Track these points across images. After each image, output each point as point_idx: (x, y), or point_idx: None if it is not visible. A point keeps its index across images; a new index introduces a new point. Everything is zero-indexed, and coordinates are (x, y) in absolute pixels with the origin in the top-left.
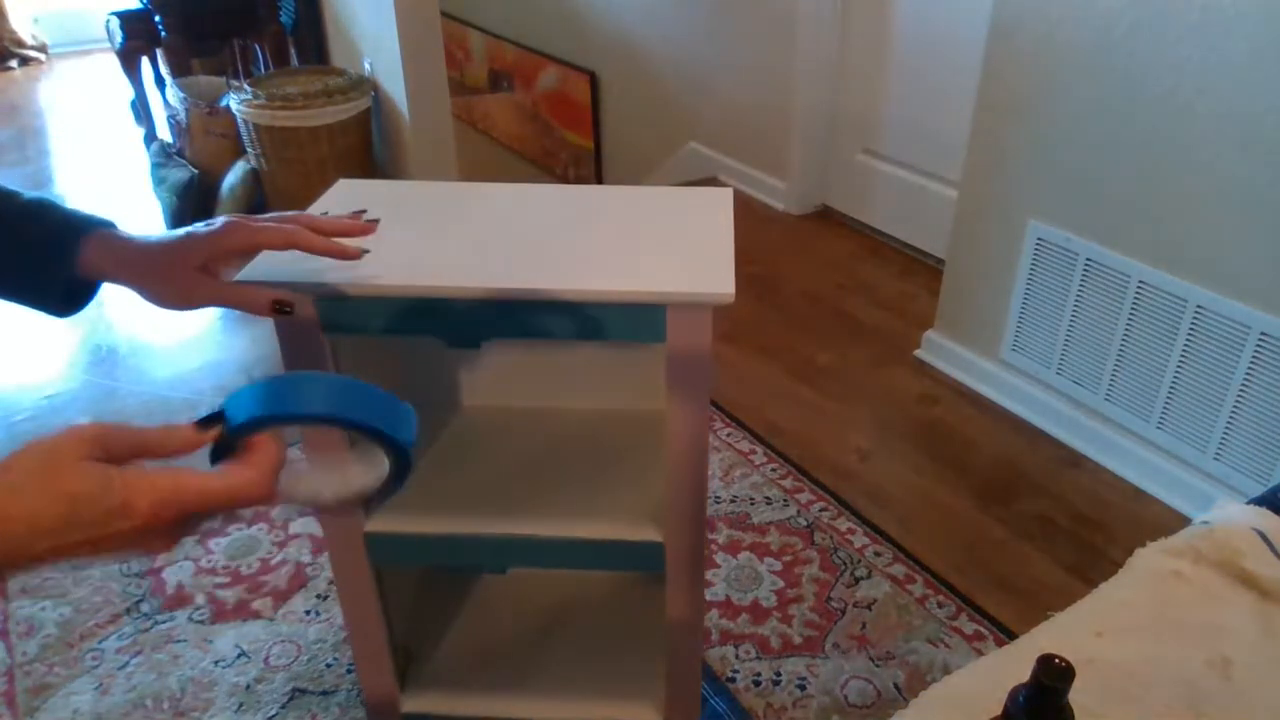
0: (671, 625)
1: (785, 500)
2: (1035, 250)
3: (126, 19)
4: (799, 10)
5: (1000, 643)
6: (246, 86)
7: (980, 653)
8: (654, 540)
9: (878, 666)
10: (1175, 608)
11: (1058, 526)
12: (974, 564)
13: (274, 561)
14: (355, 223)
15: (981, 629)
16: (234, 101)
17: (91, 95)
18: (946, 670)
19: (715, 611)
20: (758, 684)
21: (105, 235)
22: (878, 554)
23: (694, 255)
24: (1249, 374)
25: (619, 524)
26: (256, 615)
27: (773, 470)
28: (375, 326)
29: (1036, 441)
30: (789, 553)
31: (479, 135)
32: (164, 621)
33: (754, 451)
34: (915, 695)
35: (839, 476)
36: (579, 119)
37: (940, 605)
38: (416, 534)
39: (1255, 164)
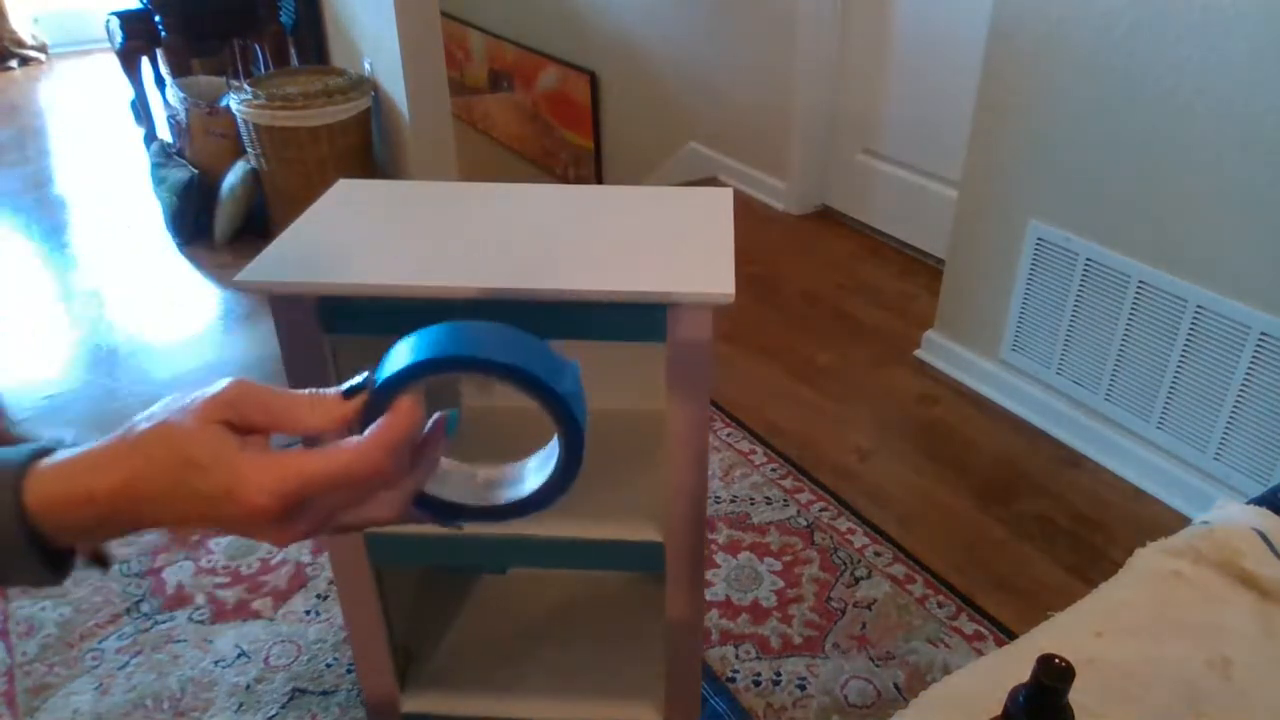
0: (671, 625)
1: (785, 500)
2: (1035, 250)
3: (126, 19)
4: (799, 10)
5: (1000, 643)
6: (246, 86)
7: (980, 653)
8: (654, 540)
9: (878, 666)
10: (1175, 608)
11: (1058, 526)
12: (974, 564)
13: (274, 561)
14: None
15: (981, 629)
16: (234, 101)
17: (91, 95)
18: (946, 670)
19: (715, 611)
20: (758, 684)
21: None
22: (878, 554)
23: (694, 255)
24: (1249, 374)
25: (619, 524)
26: (256, 615)
27: (773, 470)
28: (375, 326)
29: (1036, 441)
30: (789, 553)
31: (479, 135)
32: (164, 621)
33: (754, 451)
34: (915, 695)
35: (839, 476)
36: (579, 119)
37: (940, 605)
38: (416, 534)
39: (1255, 164)
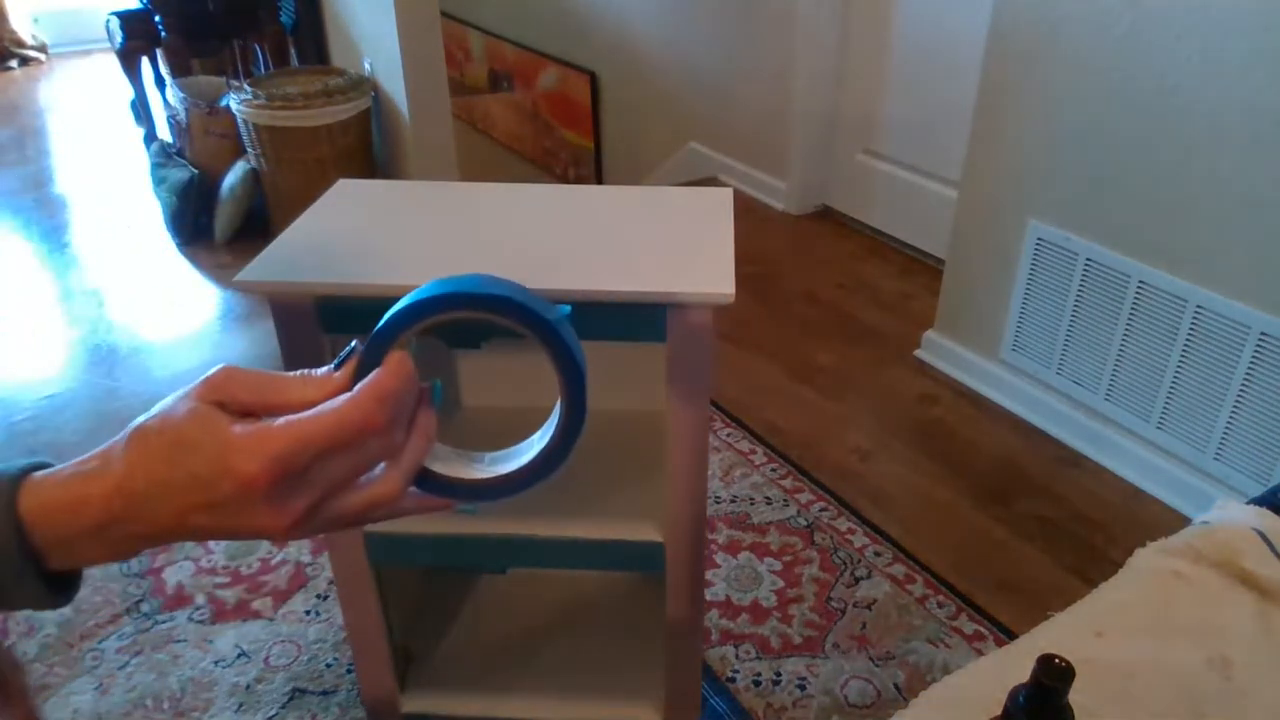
0: (671, 625)
1: (785, 500)
2: (1035, 250)
3: (126, 19)
4: (799, 10)
5: (1000, 643)
6: (246, 86)
7: (980, 653)
8: (654, 540)
9: (878, 666)
10: (1175, 608)
11: (1058, 526)
12: (974, 564)
13: (274, 561)
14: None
15: (981, 629)
16: (234, 101)
17: (91, 95)
18: (946, 670)
19: (715, 611)
20: (758, 684)
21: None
22: (878, 554)
23: (694, 255)
24: (1249, 374)
25: (619, 524)
26: (256, 615)
27: (773, 470)
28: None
29: (1036, 441)
30: (789, 553)
31: (479, 135)
32: (164, 621)
33: (754, 451)
34: (915, 695)
35: (839, 476)
36: (579, 119)
37: (940, 605)
38: (416, 534)
39: (1256, 164)
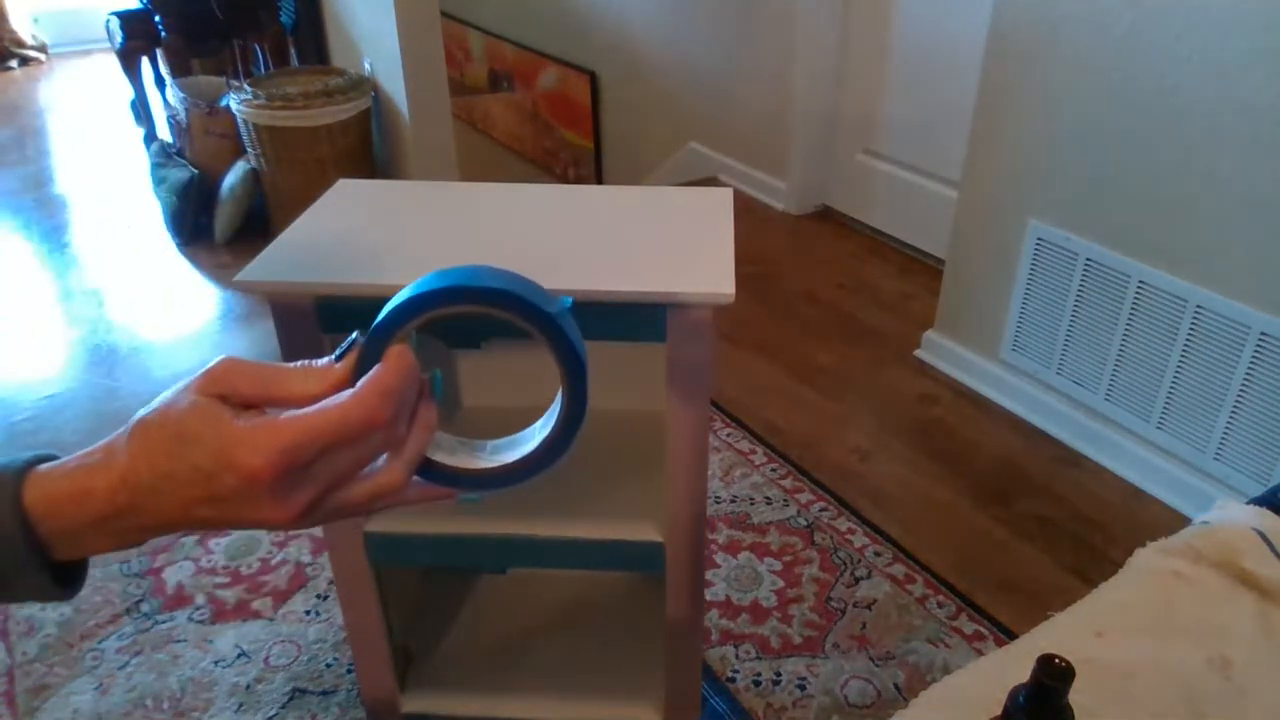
0: (671, 625)
1: (785, 500)
2: (1035, 250)
3: (126, 19)
4: (799, 10)
5: (1000, 643)
6: (246, 86)
7: (980, 653)
8: (654, 540)
9: (878, 666)
10: (1175, 608)
11: (1058, 526)
12: (974, 564)
13: (274, 561)
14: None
15: (981, 629)
16: (234, 101)
17: (91, 95)
18: (946, 670)
19: (715, 611)
20: (758, 684)
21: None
22: (878, 554)
23: (694, 255)
24: (1249, 374)
25: (619, 524)
26: (256, 615)
27: (773, 470)
28: None
29: (1036, 441)
30: (789, 553)
31: (479, 135)
32: (164, 621)
33: (754, 451)
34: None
35: (839, 476)
36: (579, 119)
37: (940, 605)
38: (416, 534)
39: (1256, 163)
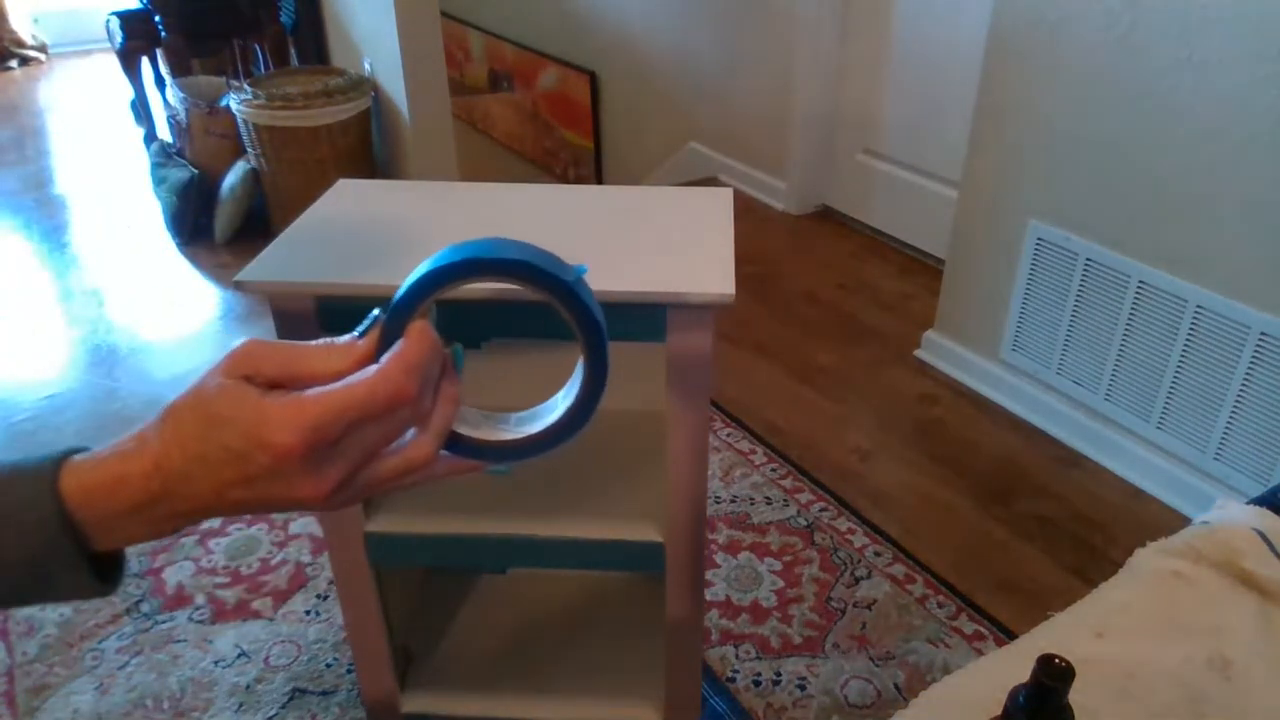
0: (671, 625)
1: (785, 500)
2: (1035, 250)
3: (126, 19)
4: (799, 10)
5: (1000, 643)
6: (246, 86)
7: (980, 653)
8: (654, 540)
9: (878, 666)
10: (1175, 608)
11: (1058, 526)
12: (974, 564)
13: (274, 561)
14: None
15: (981, 629)
16: (234, 101)
17: (91, 95)
18: (946, 670)
19: (715, 611)
20: (758, 684)
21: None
22: (878, 554)
23: (694, 255)
24: (1249, 374)
25: (619, 524)
26: (256, 615)
27: (773, 470)
28: None
29: (1036, 441)
30: (789, 553)
31: (479, 135)
32: (164, 621)
33: (754, 451)
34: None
35: (839, 476)
36: (579, 119)
37: (940, 605)
38: (416, 534)
39: (1255, 164)
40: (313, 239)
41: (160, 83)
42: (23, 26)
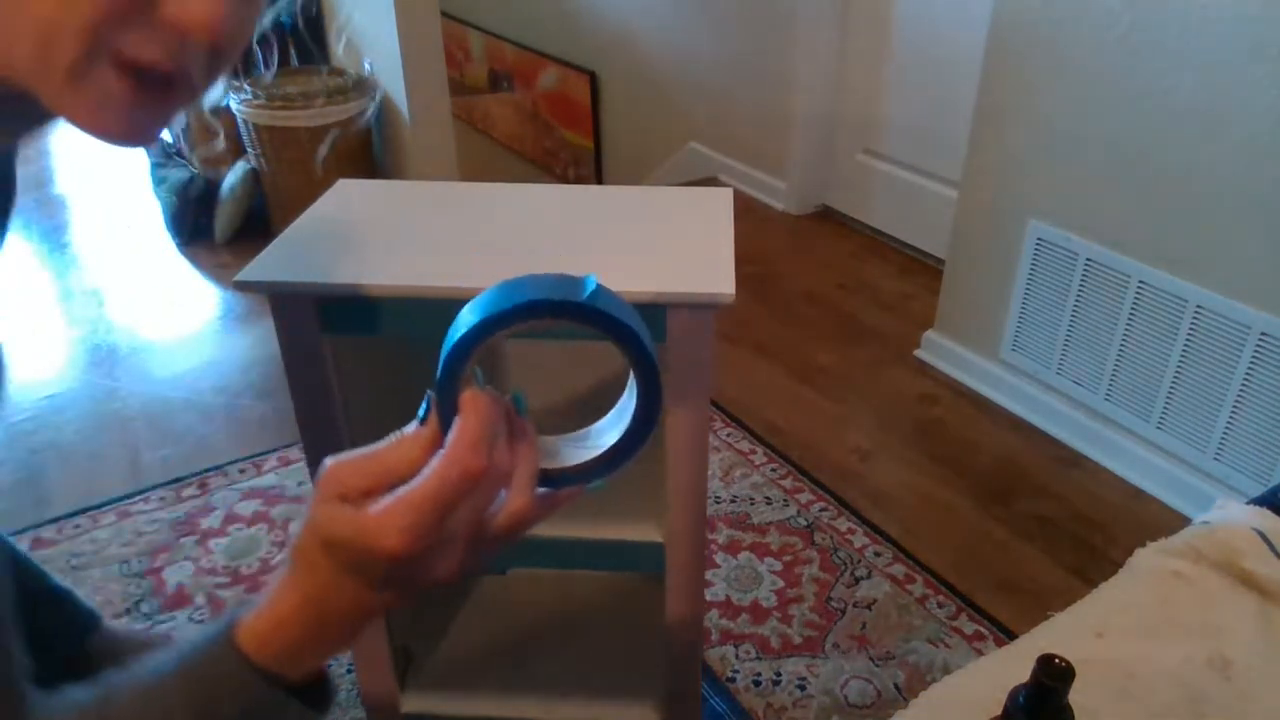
0: (671, 625)
1: (785, 500)
2: (1035, 250)
3: None
4: (799, 10)
5: (1000, 643)
6: (246, 86)
7: (980, 653)
8: (654, 540)
9: (878, 666)
10: (1175, 608)
11: (1058, 526)
12: (974, 564)
13: (274, 561)
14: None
15: (981, 629)
16: (234, 101)
17: None
18: (946, 670)
19: (715, 611)
20: (758, 684)
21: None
22: (878, 554)
23: (694, 255)
24: (1249, 374)
25: (619, 524)
26: None
27: (773, 470)
28: (375, 326)
29: (1036, 441)
30: (789, 553)
31: (479, 135)
32: (164, 621)
33: (754, 451)
34: (915, 695)
35: (839, 476)
36: (579, 119)
37: (940, 605)
38: None
39: (1255, 163)
40: (313, 239)
41: None
42: None
